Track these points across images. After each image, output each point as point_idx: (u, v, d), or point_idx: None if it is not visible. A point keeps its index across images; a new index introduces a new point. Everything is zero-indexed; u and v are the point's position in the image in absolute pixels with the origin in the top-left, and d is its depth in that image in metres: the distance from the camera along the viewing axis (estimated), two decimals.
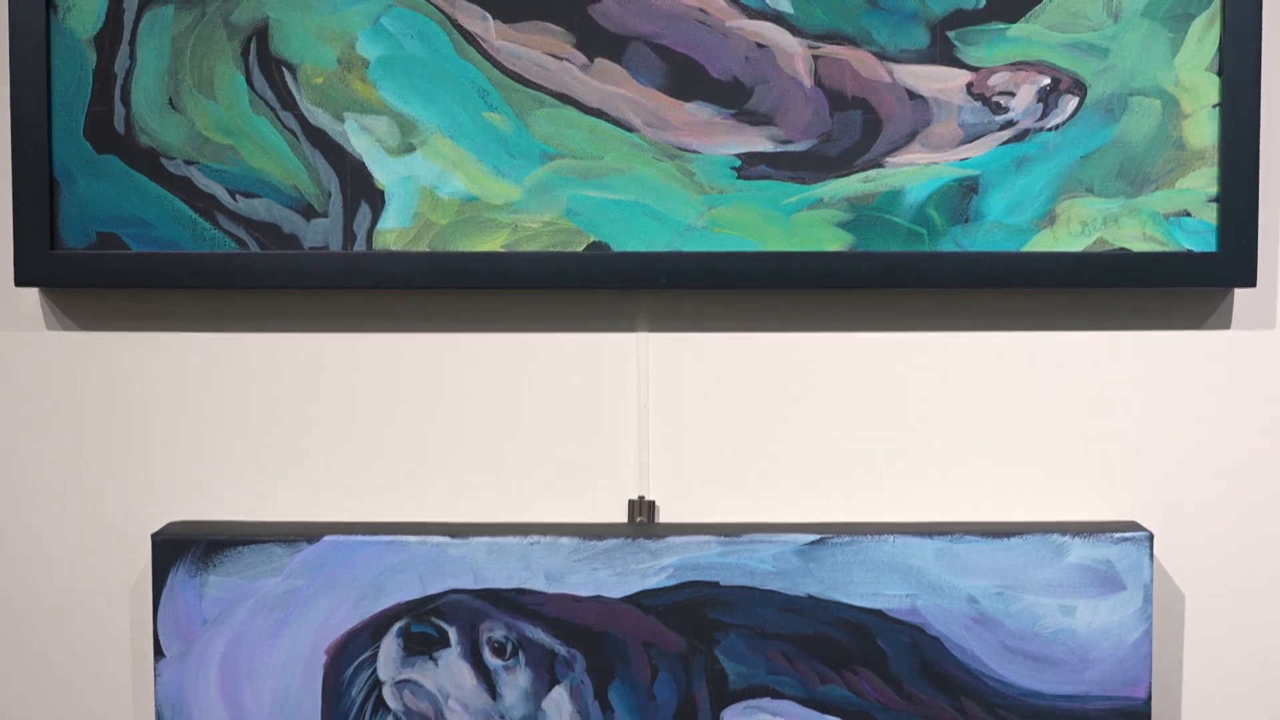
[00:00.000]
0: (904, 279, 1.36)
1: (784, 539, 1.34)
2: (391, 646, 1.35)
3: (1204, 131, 1.36)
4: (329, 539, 1.35)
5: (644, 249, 1.36)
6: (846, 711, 1.35)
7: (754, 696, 1.35)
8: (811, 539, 1.35)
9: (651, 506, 1.41)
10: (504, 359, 1.40)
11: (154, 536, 1.35)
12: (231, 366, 1.40)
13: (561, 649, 1.35)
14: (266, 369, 1.40)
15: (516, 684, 1.35)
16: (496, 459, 1.41)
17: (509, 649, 1.35)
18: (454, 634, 1.35)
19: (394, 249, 1.36)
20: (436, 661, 1.35)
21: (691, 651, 1.35)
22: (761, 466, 1.41)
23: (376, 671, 1.35)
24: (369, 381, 1.40)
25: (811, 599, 1.35)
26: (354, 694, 1.35)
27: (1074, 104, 1.36)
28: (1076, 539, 1.34)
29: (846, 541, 1.34)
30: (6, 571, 1.42)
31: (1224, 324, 1.40)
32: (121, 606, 1.42)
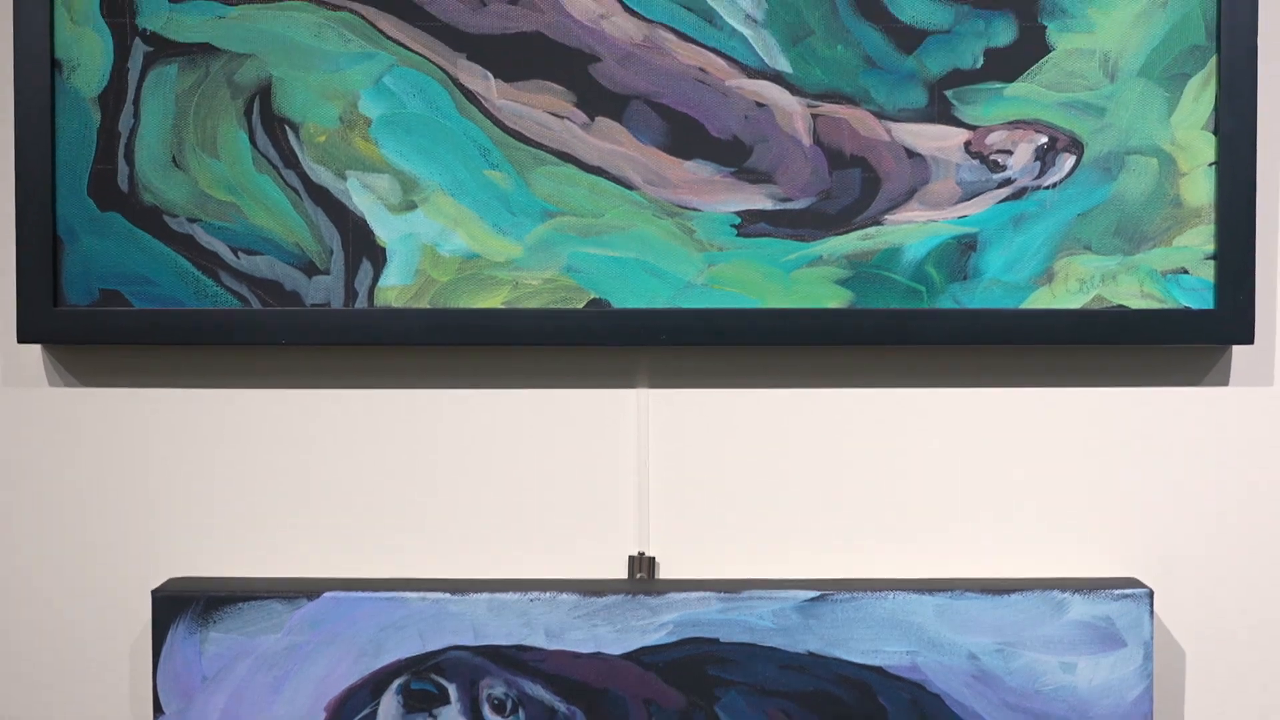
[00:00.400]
0: (903, 336, 1.36)
1: (784, 595, 1.34)
2: (391, 703, 1.35)
3: (1200, 190, 1.36)
4: (329, 595, 1.35)
5: (644, 306, 1.37)
6: None
7: None
8: (812, 595, 1.35)
9: (651, 563, 1.41)
10: (504, 415, 1.41)
11: (154, 592, 1.35)
12: (233, 423, 1.41)
13: (561, 706, 1.35)
14: (267, 425, 1.41)
15: None
16: (496, 515, 1.41)
17: (509, 706, 1.35)
18: (454, 691, 1.35)
19: (395, 306, 1.37)
20: (436, 718, 1.35)
21: (691, 708, 1.35)
22: (761, 523, 1.41)
23: None
24: (370, 438, 1.41)
25: (812, 656, 1.35)
26: None
27: (1071, 162, 1.37)
28: (1076, 595, 1.35)
29: (847, 598, 1.34)
30: (7, 625, 1.42)
31: (1222, 380, 1.40)
32: (121, 662, 1.42)
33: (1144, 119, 1.36)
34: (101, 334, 1.37)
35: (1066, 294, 1.37)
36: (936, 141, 1.37)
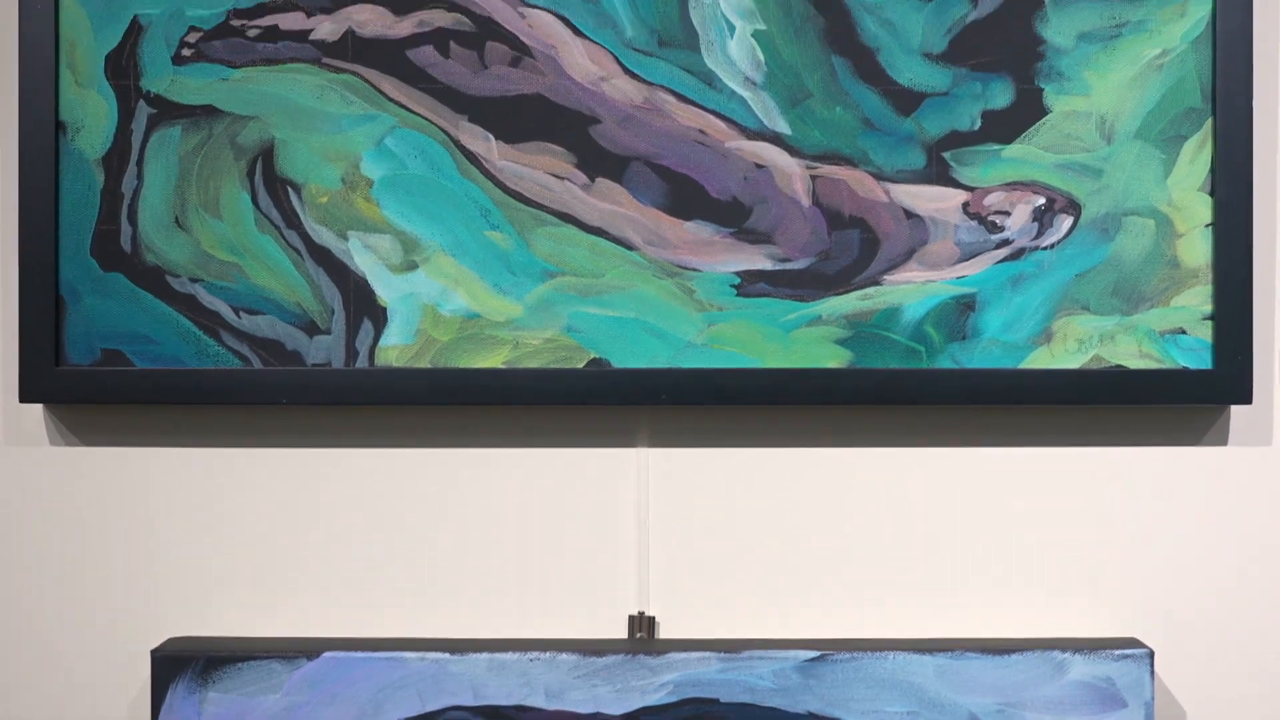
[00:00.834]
0: (902, 395, 1.37)
1: (784, 655, 1.34)
2: None
3: (1197, 250, 1.37)
4: (328, 655, 1.35)
5: (644, 365, 1.37)
6: None
7: None
8: (812, 655, 1.34)
9: (651, 622, 1.41)
10: (505, 474, 1.41)
11: (154, 652, 1.34)
12: (233, 482, 1.41)
13: None
14: (268, 485, 1.41)
15: None
16: (496, 574, 1.41)
17: None
18: None
19: (396, 365, 1.38)
20: None
21: None
22: (761, 582, 1.41)
23: None
24: (370, 497, 1.41)
25: (812, 716, 1.34)
26: None
27: (1069, 223, 1.38)
28: (1077, 656, 1.34)
29: (847, 658, 1.34)
30: (7, 684, 1.42)
31: (1220, 440, 1.41)
32: None
33: (1141, 180, 1.37)
34: (103, 393, 1.37)
35: (1065, 354, 1.38)
36: (935, 202, 1.38)
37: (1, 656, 1.42)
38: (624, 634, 1.41)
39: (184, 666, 1.34)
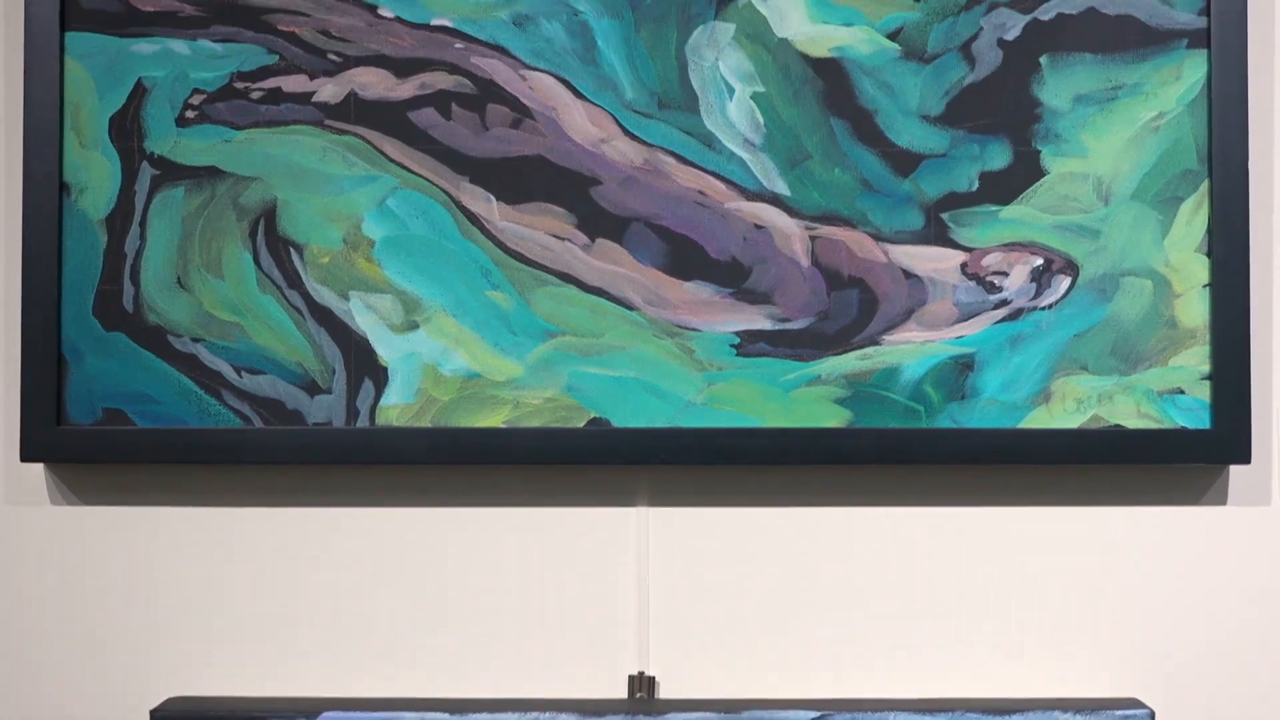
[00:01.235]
0: (902, 455, 1.37)
1: (785, 716, 1.34)
2: None
3: (1195, 311, 1.38)
4: (328, 715, 1.34)
5: (644, 425, 1.38)
6: None
7: None
8: (813, 716, 1.34)
9: (652, 682, 1.40)
10: (505, 534, 1.41)
11: (153, 712, 1.34)
12: (233, 541, 1.41)
13: None
14: (268, 544, 1.41)
15: None
16: (496, 634, 1.41)
17: None
18: None
19: (396, 425, 1.38)
20: None
21: None
22: (762, 642, 1.41)
23: None
24: (370, 556, 1.41)
25: None
26: None
27: (1067, 284, 1.38)
28: (1078, 716, 1.34)
29: (847, 719, 1.34)
30: None
31: (1219, 500, 1.41)
32: None
33: (1138, 242, 1.38)
34: (104, 453, 1.37)
35: (1064, 414, 1.38)
36: (933, 263, 1.38)
37: (2, 714, 1.41)
38: (624, 694, 1.41)
39: None
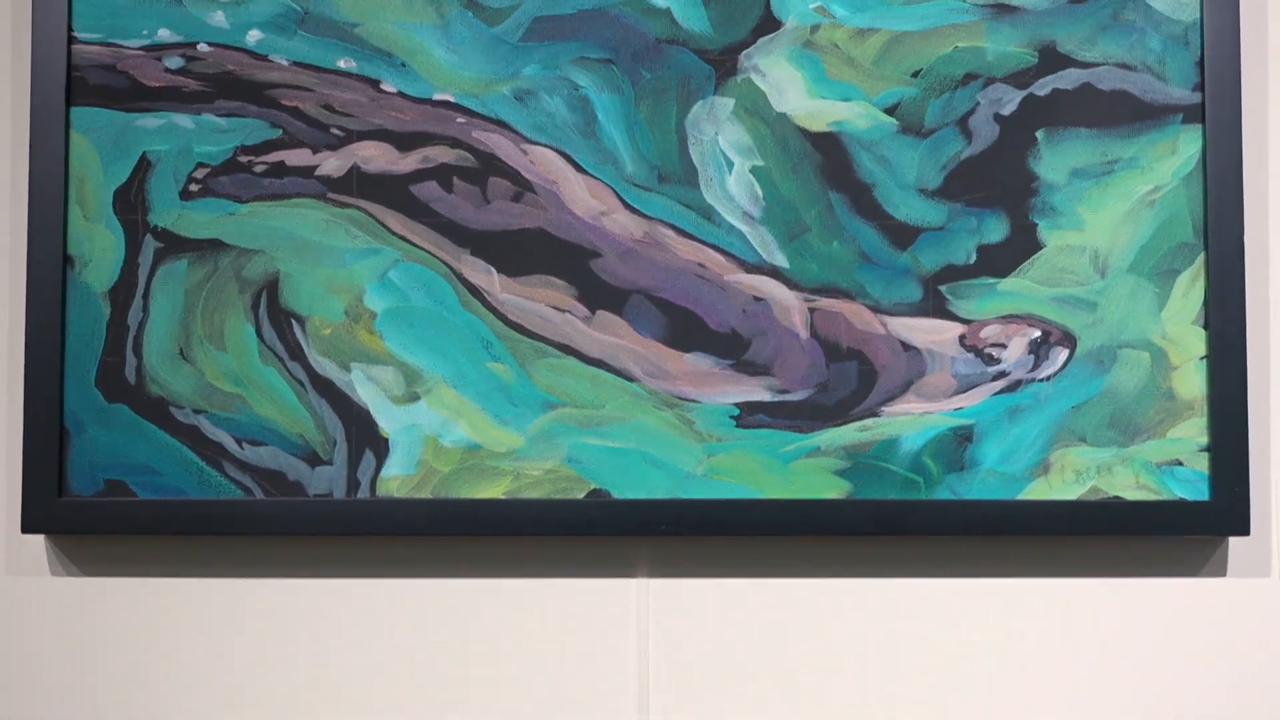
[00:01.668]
0: (901, 526, 1.37)
1: None
2: None
3: (1192, 383, 1.38)
4: None
5: (644, 496, 1.38)
6: None
7: None
8: None
9: None
10: (505, 605, 1.41)
11: None
12: (235, 613, 1.41)
13: None
14: (270, 615, 1.41)
15: None
16: (496, 705, 1.41)
17: None
18: None
19: (397, 496, 1.38)
20: None
21: None
22: (762, 713, 1.41)
23: None
24: (371, 628, 1.41)
25: None
26: None
27: (1065, 355, 1.39)
28: None
29: None
30: None
31: (1219, 572, 1.41)
32: None
33: (1135, 314, 1.39)
34: (105, 524, 1.38)
35: (1063, 485, 1.38)
36: (932, 335, 1.39)
37: None
38: None
39: None
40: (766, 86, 1.40)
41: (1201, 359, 1.39)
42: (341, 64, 1.40)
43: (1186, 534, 1.38)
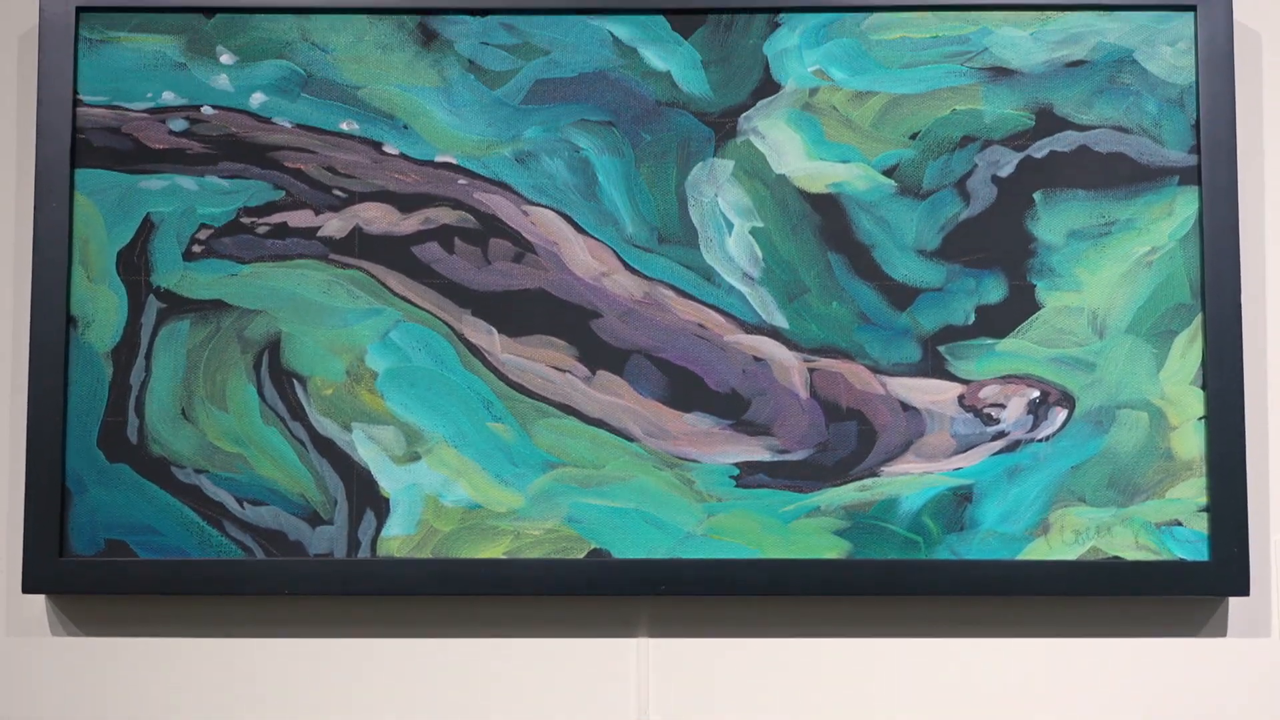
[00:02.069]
0: (901, 586, 1.37)
1: None
2: None
3: (1191, 443, 1.39)
4: None
5: (644, 556, 1.38)
6: None
7: None
8: None
9: None
10: (506, 665, 1.41)
11: None
12: (235, 673, 1.41)
13: None
14: (270, 675, 1.41)
15: None
16: None
17: None
18: None
19: (398, 556, 1.38)
20: None
21: None
22: None
23: None
24: (372, 687, 1.41)
25: None
26: None
27: (1063, 416, 1.39)
28: None
29: None
30: None
31: (1219, 632, 1.41)
32: None
33: (1133, 374, 1.39)
34: (106, 584, 1.38)
35: (1062, 545, 1.38)
36: (931, 395, 1.40)
37: None
38: None
39: None
40: (766, 148, 1.41)
41: (1200, 419, 1.39)
42: (344, 126, 1.41)
43: (1186, 594, 1.38)
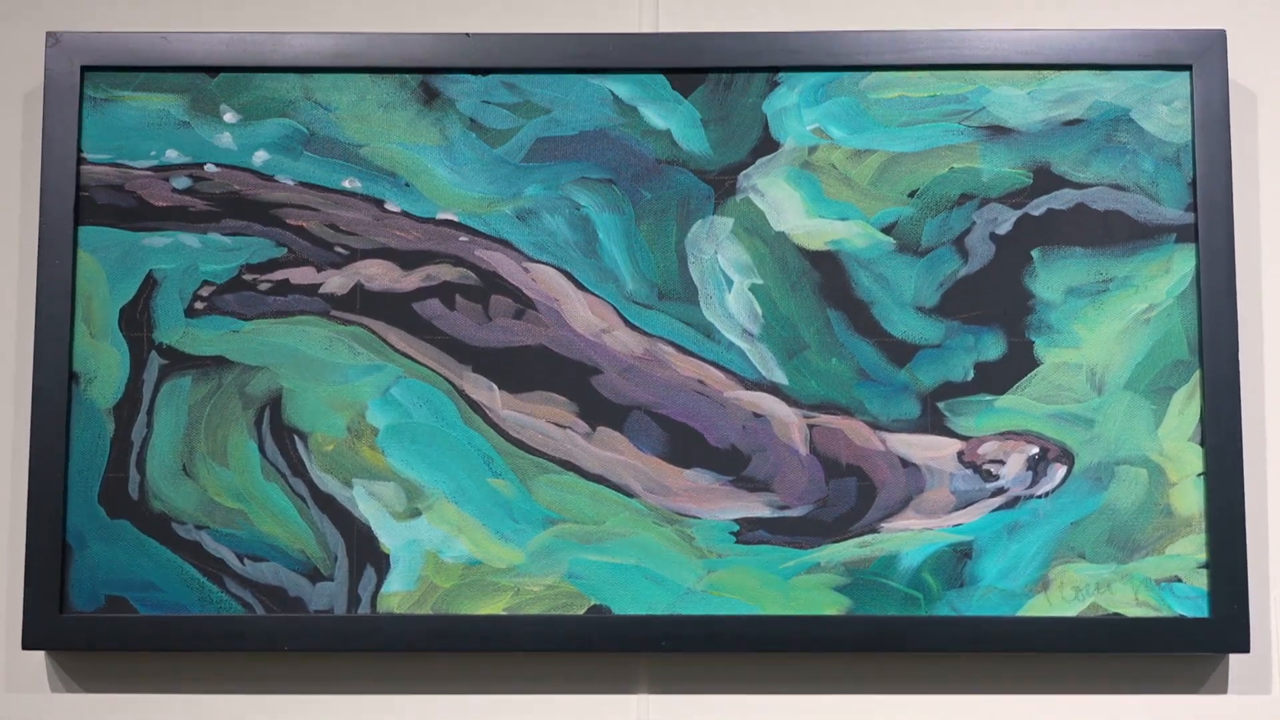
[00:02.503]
0: (901, 643, 1.37)
1: None
2: None
3: (1190, 499, 1.39)
4: None
5: (644, 612, 1.38)
6: None
7: None
8: None
9: None
10: None
11: None
12: None
13: None
14: None
15: None
16: None
17: None
18: None
19: (398, 612, 1.38)
20: None
21: None
22: None
23: None
24: None
25: None
26: None
27: (1063, 472, 1.40)
28: None
29: None
30: None
31: (1220, 689, 1.40)
32: None
33: (1132, 431, 1.40)
34: (106, 641, 1.38)
35: (1062, 602, 1.38)
36: (930, 451, 1.40)
37: None
38: None
39: None
40: (765, 206, 1.42)
41: (1199, 475, 1.39)
42: (346, 184, 1.42)
43: (1186, 651, 1.38)
